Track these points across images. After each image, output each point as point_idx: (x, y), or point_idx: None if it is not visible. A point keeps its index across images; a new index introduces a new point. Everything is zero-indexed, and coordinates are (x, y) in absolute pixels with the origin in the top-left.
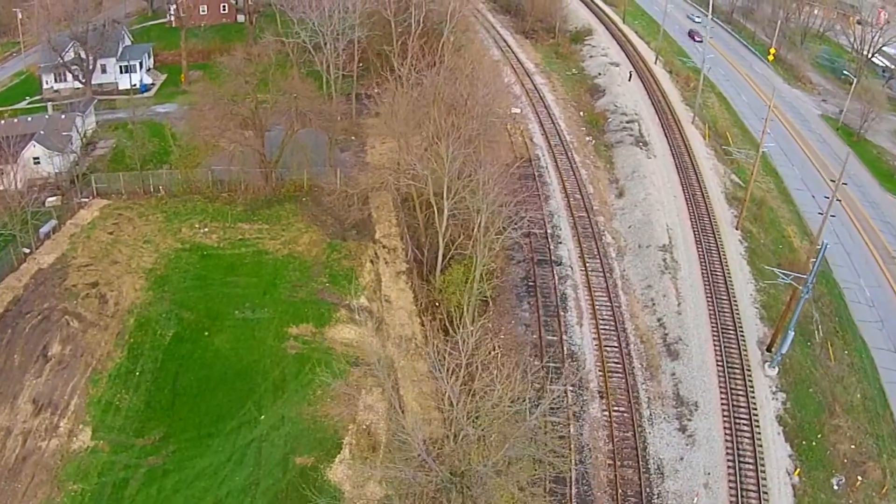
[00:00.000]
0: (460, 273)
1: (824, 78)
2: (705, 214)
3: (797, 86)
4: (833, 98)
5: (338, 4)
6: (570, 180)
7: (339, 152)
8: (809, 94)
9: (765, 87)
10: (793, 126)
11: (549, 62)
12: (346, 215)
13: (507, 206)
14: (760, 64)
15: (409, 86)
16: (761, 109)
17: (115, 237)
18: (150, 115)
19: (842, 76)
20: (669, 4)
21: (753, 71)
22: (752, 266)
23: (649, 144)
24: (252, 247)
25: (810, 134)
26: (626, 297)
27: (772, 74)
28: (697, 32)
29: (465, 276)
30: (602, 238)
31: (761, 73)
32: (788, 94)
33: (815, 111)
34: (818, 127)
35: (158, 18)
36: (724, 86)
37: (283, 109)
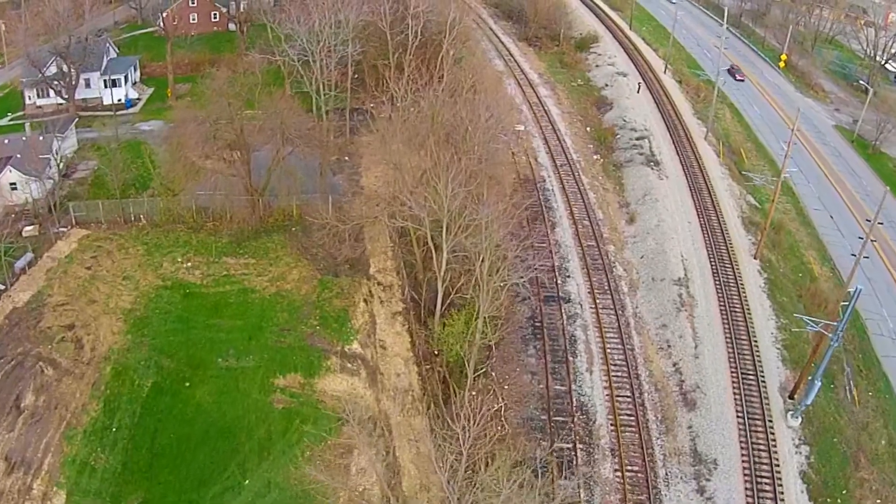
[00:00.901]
0: (461, 323)
1: (836, 85)
2: (722, 242)
3: (809, 94)
4: (846, 107)
5: (328, 18)
6: (578, 204)
7: (331, 175)
8: (822, 102)
9: (777, 96)
10: (807, 139)
11: (553, 72)
12: (337, 251)
13: (512, 251)
14: (771, 71)
15: (406, 107)
16: (775, 121)
17: (93, 273)
18: (135, 133)
19: (855, 83)
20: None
21: (765, 79)
22: (773, 300)
23: (661, 164)
24: (237, 284)
25: (825, 147)
26: (640, 339)
27: (783, 82)
28: (739, 72)
29: (467, 324)
30: (613, 270)
31: (773, 80)
32: (801, 104)
33: (829, 122)
34: (833, 139)
35: (148, 27)
36: (736, 95)
37: (270, 133)
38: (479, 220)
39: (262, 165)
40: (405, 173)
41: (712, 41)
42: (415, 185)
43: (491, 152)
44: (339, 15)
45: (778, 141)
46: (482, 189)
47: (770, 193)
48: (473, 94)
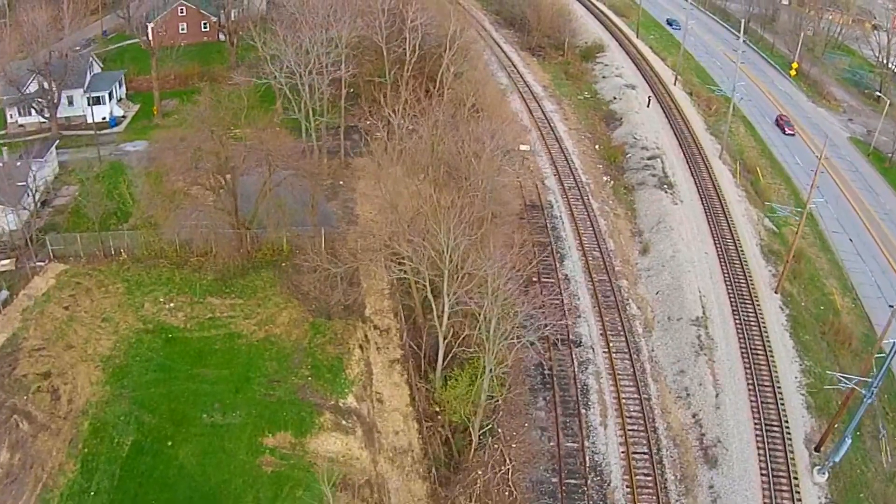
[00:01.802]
0: (464, 383)
1: (848, 93)
2: (741, 275)
3: (822, 104)
4: (859, 116)
5: (318, 38)
6: (588, 233)
7: (324, 201)
8: (835, 112)
9: (790, 106)
10: (819, 149)
11: (558, 84)
12: (329, 296)
13: (522, 308)
14: (782, 79)
15: (403, 134)
16: (789, 136)
17: (71, 313)
18: (119, 154)
19: (866, 91)
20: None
21: (775, 87)
22: (796, 339)
23: (674, 186)
24: (223, 328)
25: (841, 162)
26: (657, 387)
27: (794, 91)
28: (789, 123)
29: (471, 383)
30: (626, 309)
31: (784, 90)
32: (814, 114)
33: (843, 133)
34: (848, 152)
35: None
36: (747, 106)
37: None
38: (484, 273)
39: (251, 192)
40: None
41: (720, 48)
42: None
43: (496, 186)
44: (330, 32)
45: (793, 156)
46: (487, 235)
47: (791, 221)
48: (476, 114)
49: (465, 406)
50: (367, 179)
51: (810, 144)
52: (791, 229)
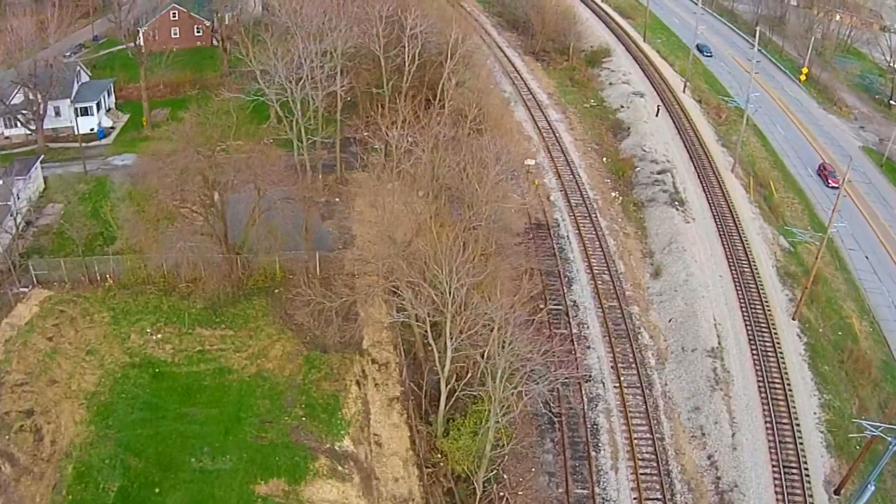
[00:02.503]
0: (468, 435)
1: (859, 99)
2: (757, 300)
3: (833, 111)
4: (870, 123)
5: (311, 48)
6: (597, 255)
7: (319, 221)
8: (846, 119)
9: (800, 113)
10: (836, 165)
11: (563, 91)
12: (324, 331)
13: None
14: (792, 85)
15: (401, 154)
16: (800, 144)
17: (54, 345)
18: (106, 169)
19: (877, 97)
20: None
21: (785, 93)
22: (814, 370)
23: (686, 203)
24: (213, 362)
25: (854, 173)
26: (670, 425)
27: (805, 97)
28: (833, 174)
29: (474, 432)
30: (638, 338)
31: (794, 96)
32: (825, 121)
33: (855, 142)
34: (861, 163)
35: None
36: (758, 113)
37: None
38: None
39: (241, 211)
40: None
41: (729, 52)
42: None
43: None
44: (324, 42)
45: (805, 167)
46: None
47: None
48: (478, 126)
49: (468, 458)
50: (364, 197)
51: (824, 157)
52: (807, 248)
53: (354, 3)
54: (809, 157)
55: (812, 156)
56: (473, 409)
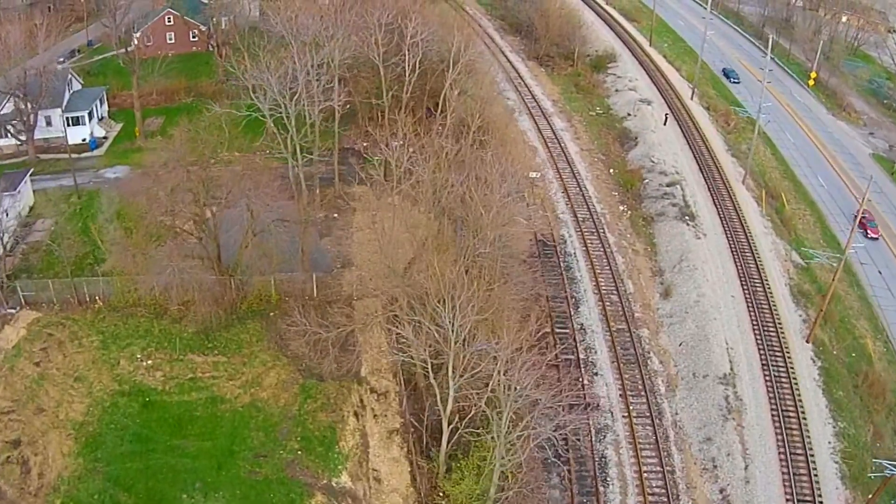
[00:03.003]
0: (471, 475)
1: (867, 104)
2: (770, 322)
3: (842, 116)
4: (880, 129)
5: (306, 63)
6: (605, 274)
7: (317, 237)
8: (855, 125)
9: (809, 120)
10: (846, 173)
11: (568, 98)
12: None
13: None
14: (800, 90)
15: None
16: (810, 151)
17: (42, 371)
18: (98, 182)
19: (885, 101)
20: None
21: (794, 99)
22: (829, 396)
23: (696, 217)
24: (205, 391)
25: (866, 183)
26: (681, 457)
27: (813, 102)
28: (873, 223)
29: (478, 473)
30: (648, 363)
31: (803, 101)
32: (834, 128)
33: (865, 149)
34: (872, 170)
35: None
36: (767, 120)
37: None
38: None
39: (235, 229)
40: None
41: (735, 55)
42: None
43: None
44: (321, 52)
45: (816, 176)
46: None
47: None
48: (482, 138)
49: (471, 501)
50: (363, 212)
51: (834, 166)
52: (819, 263)
53: (352, 11)
54: (820, 167)
55: (823, 165)
56: (476, 448)
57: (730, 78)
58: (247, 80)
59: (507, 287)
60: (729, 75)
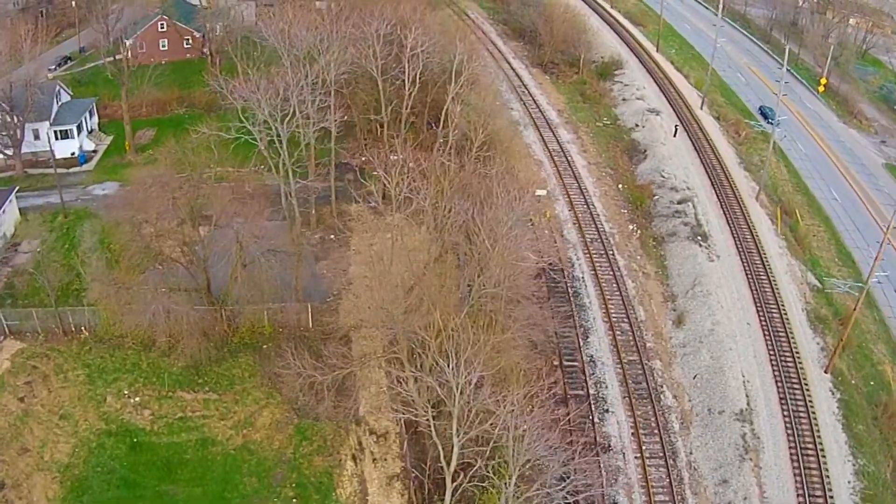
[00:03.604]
0: None
1: (878, 110)
2: (787, 351)
3: (853, 124)
4: (892, 137)
5: (298, 80)
6: (615, 300)
7: (313, 262)
8: (866, 133)
9: (821, 129)
10: (859, 185)
11: (574, 108)
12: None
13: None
14: (810, 96)
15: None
16: (822, 163)
17: (26, 407)
18: (86, 199)
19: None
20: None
21: (805, 106)
22: (848, 431)
23: (709, 238)
24: (196, 431)
25: (879, 195)
26: (696, 501)
27: (824, 110)
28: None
29: None
30: (661, 398)
31: (813, 108)
32: (846, 137)
33: (878, 159)
34: (885, 182)
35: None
36: (778, 129)
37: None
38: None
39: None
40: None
41: (744, 60)
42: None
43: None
44: (315, 67)
45: (829, 189)
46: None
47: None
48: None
49: None
50: (361, 234)
51: (847, 177)
52: (836, 283)
53: (348, 22)
54: (833, 179)
55: (836, 176)
56: (482, 502)
57: (768, 118)
58: (235, 100)
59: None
60: (767, 115)
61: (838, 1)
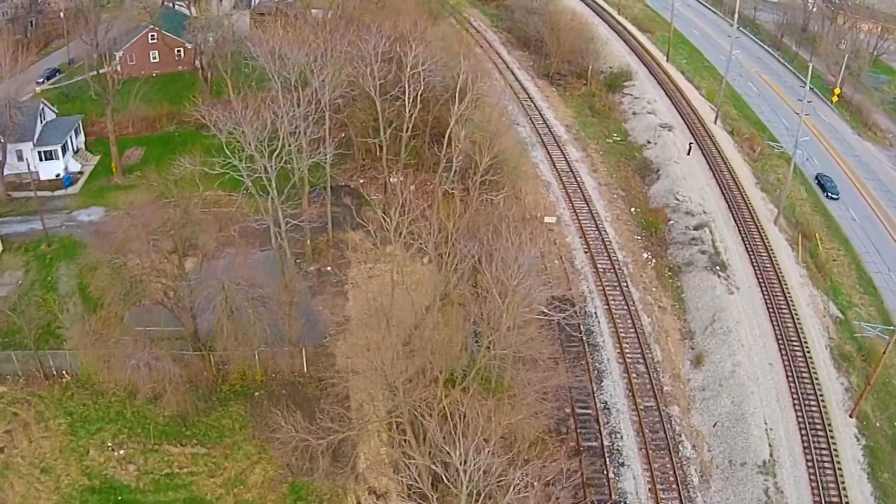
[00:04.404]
0: None
1: (893, 121)
2: (811, 394)
3: (868, 136)
4: None
5: (289, 110)
6: (630, 338)
7: (308, 297)
8: (882, 146)
9: (835, 142)
10: (876, 202)
11: (583, 123)
12: (309, 469)
13: None
14: (824, 107)
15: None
16: (839, 179)
17: (6, 458)
18: (71, 226)
19: None
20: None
21: (819, 118)
22: (874, 481)
23: (728, 267)
24: (183, 489)
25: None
26: None
27: (838, 121)
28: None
29: None
30: (679, 449)
31: (827, 120)
32: (861, 150)
33: (894, 173)
34: None
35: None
36: (788, 143)
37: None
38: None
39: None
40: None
41: (755, 69)
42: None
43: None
44: (307, 93)
45: (847, 208)
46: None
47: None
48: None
49: None
50: (359, 265)
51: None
52: (858, 312)
53: (344, 39)
54: (851, 196)
55: (853, 194)
56: None
57: (827, 191)
58: (219, 132)
59: (527, 397)
60: (826, 186)
61: (849, 5)
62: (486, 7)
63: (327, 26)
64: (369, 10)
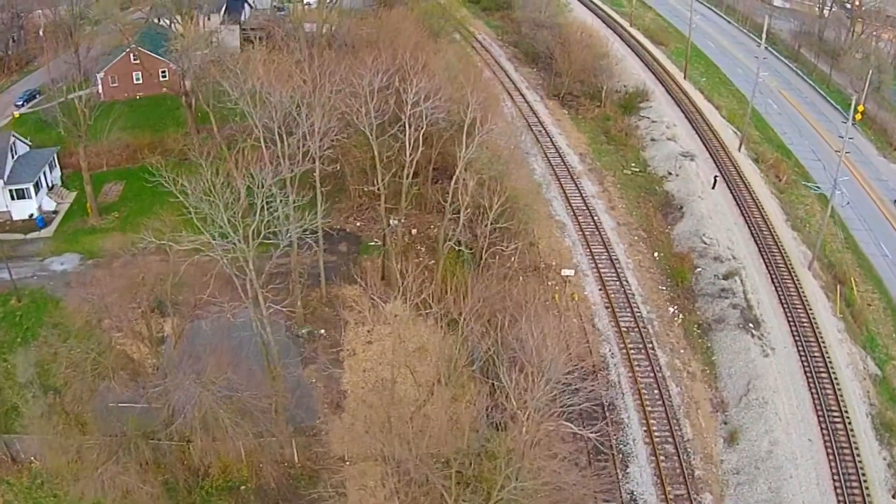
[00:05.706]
0: None
1: None
2: (853, 474)
3: (893, 156)
4: None
5: (268, 175)
6: (657, 412)
7: (299, 367)
8: None
9: (861, 165)
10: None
11: (598, 150)
12: None
13: None
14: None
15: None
16: (868, 209)
17: None
18: (42, 278)
19: None
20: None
21: (838, 137)
22: None
23: (762, 325)
24: None
25: None
26: None
27: (862, 141)
28: None
29: None
30: None
31: (852, 141)
32: (888, 174)
33: None
34: None
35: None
36: (812, 167)
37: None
38: None
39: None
40: None
41: (774, 84)
42: None
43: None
44: (294, 140)
45: (878, 243)
46: None
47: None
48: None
49: None
50: (356, 327)
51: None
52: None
53: (335, 77)
54: (881, 229)
55: (884, 226)
56: None
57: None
58: (190, 205)
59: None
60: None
61: (867, 13)
62: (491, 19)
63: (315, 60)
64: (364, 28)
